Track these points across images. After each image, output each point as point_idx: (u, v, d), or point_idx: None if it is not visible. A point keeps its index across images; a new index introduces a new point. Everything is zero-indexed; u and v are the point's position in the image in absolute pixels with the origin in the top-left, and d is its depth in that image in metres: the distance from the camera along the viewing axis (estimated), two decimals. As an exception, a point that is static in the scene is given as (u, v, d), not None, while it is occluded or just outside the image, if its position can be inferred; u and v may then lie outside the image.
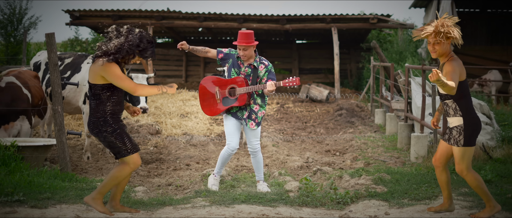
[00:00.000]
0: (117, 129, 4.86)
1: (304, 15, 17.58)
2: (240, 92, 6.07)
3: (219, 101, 6.17)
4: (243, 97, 6.09)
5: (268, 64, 6.23)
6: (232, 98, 6.13)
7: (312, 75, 22.44)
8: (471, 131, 4.87)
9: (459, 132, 4.88)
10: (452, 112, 4.92)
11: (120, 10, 17.62)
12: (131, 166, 4.92)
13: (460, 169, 4.92)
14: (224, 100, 6.17)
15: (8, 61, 18.46)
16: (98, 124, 4.83)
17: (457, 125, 4.90)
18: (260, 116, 6.24)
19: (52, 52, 6.68)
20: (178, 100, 14.62)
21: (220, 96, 6.17)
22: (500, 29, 19.61)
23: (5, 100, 7.61)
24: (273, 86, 5.96)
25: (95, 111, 4.84)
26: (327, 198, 5.76)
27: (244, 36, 6.10)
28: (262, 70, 6.20)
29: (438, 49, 4.89)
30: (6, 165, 6.44)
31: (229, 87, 6.15)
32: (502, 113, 10.59)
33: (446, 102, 4.95)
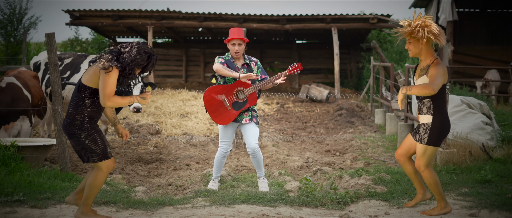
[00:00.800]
0: (94, 133, 4.71)
1: (304, 15, 17.58)
2: (249, 92, 6.08)
3: (230, 107, 6.12)
4: (253, 96, 6.12)
5: (257, 60, 6.32)
6: (241, 100, 6.11)
7: (312, 75, 22.44)
8: (437, 132, 4.94)
9: (425, 130, 4.97)
10: (425, 110, 5.00)
11: (120, 10, 17.62)
12: (104, 171, 4.77)
13: (418, 165, 5.03)
14: (234, 104, 6.13)
15: (8, 61, 18.46)
16: (73, 126, 4.69)
17: (425, 123, 4.98)
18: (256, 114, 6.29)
19: (52, 52, 6.68)
20: (178, 100, 14.62)
21: (229, 102, 6.12)
22: (500, 29, 19.60)
23: (5, 100, 7.62)
24: (279, 78, 6.03)
25: (74, 113, 4.70)
26: (327, 198, 5.76)
27: (237, 32, 6.15)
28: (255, 67, 6.28)
29: (412, 48, 4.97)
30: (6, 165, 6.44)
31: (236, 90, 6.13)
32: (502, 113, 10.59)
33: (423, 100, 5.00)
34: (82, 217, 4.81)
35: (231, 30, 6.17)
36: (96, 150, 4.71)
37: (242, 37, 6.13)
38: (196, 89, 18.69)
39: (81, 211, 4.79)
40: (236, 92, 6.13)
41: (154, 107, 13.33)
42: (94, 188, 4.78)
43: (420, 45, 4.95)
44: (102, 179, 4.79)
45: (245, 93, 6.09)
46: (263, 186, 6.30)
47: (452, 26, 15.91)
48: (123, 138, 5.13)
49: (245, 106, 6.11)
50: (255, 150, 6.19)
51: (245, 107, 6.11)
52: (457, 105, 8.59)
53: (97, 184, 4.78)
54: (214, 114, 6.16)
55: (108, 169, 4.79)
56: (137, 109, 7.97)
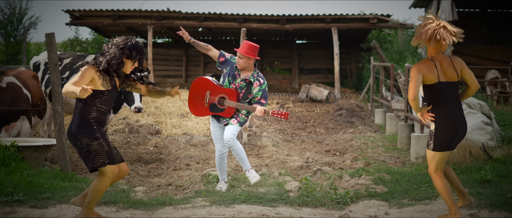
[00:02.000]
0: (100, 138, 4.65)
1: (304, 15, 17.58)
2: (229, 104, 6.05)
3: (207, 105, 6.15)
4: (231, 110, 6.09)
5: (264, 83, 6.18)
6: (220, 107, 6.12)
7: (312, 75, 22.44)
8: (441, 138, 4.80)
9: (430, 136, 4.89)
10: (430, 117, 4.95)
11: (120, 10, 17.62)
12: (109, 176, 4.70)
13: (429, 170, 4.93)
14: (211, 105, 6.14)
15: (8, 61, 18.46)
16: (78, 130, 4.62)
17: (431, 129, 4.90)
18: (242, 117, 6.19)
19: (52, 52, 6.68)
20: (178, 100, 14.62)
21: (209, 101, 6.15)
22: (500, 29, 19.61)
23: (6, 100, 7.62)
24: (262, 113, 5.96)
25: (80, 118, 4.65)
26: (327, 198, 5.76)
27: (247, 47, 6.05)
28: (256, 87, 6.15)
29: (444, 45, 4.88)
30: (6, 165, 6.44)
31: (220, 96, 6.12)
32: (502, 113, 10.58)
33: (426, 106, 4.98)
34: None
35: (244, 43, 6.10)
36: (100, 155, 4.64)
37: (246, 54, 6.04)
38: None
39: (83, 214, 4.76)
40: (220, 97, 6.12)
41: (154, 107, 13.33)
42: (97, 193, 4.72)
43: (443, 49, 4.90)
44: (106, 185, 4.71)
45: (225, 104, 6.08)
46: (253, 176, 6.19)
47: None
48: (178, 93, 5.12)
49: (219, 113, 6.11)
50: (229, 142, 6.07)
51: (218, 113, 6.12)
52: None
53: (100, 189, 4.71)
54: (192, 100, 6.24)
55: (113, 174, 4.70)
56: (138, 109, 7.98)
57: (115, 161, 4.71)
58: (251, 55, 6.04)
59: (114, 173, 4.71)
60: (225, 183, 6.40)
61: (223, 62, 6.26)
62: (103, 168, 4.66)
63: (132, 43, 4.72)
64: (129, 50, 4.69)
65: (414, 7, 18.82)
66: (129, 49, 4.69)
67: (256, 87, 6.15)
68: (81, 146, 4.63)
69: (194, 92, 6.24)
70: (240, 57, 6.08)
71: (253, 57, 6.07)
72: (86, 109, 4.65)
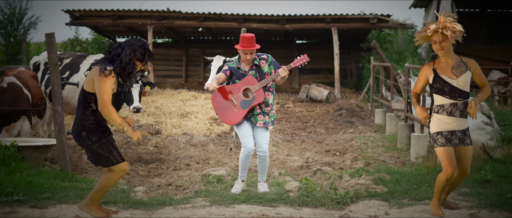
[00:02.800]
0: (102, 138, 4.77)
1: (304, 15, 17.58)
2: (255, 89, 6.03)
3: (238, 107, 6.07)
4: (260, 93, 6.03)
5: (267, 57, 6.20)
6: (249, 98, 6.06)
7: (312, 75, 22.44)
8: None
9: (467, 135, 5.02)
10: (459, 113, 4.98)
11: (120, 10, 17.62)
12: (119, 173, 4.86)
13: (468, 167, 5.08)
14: (242, 103, 6.07)
15: (8, 61, 18.46)
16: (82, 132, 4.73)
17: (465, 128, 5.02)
18: (272, 115, 6.20)
19: (52, 52, 6.68)
20: (178, 100, 14.62)
21: (237, 101, 6.07)
22: (500, 29, 19.61)
23: (7, 100, 7.62)
24: (286, 71, 5.93)
25: (81, 119, 4.74)
26: (327, 198, 5.76)
27: (248, 40, 6.02)
28: (265, 65, 6.17)
29: (445, 45, 4.90)
30: (6, 165, 6.44)
31: (243, 89, 6.08)
32: (502, 113, 10.58)
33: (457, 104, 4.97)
34: (85, 209, 4.89)
35: (242, 38, 6.05)
36: (111, 153, 4.78)
37: (252, 47, 6.02)
38: (196, 89, 18.68)
39: (86, 203, 4.91)
40: (243, 91, 6.09)
41: (154, 107, 13.33)
42: (104, 187, 4.89)
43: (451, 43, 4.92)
44: (115, 180, 4.88)
45: (252, 91, 6.05)
46: (264, 187, 6.28)
47: (452, 26, 15.90)
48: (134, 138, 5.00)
49: (253, 103, 6.03)
50: (266, 154, 6.15)
51: (253, 104, 6.03)
52: (457, 105, 8.58)
53: (108, 184, 4.89)
54: (222, 115, 6.11)
55: (123, 172, 4.87)
56: (137, 109, 7.96)
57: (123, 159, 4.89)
58: (255, 46, 6.05)
59: (124, 171, 4.87)
60: (242, 182, 6.32)
61: (231, 74, 6.21)
62: (114, 167, 4.82)
63: (145, 47, 4.78)
64: (141, 53, 4.74)
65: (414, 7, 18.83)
66: (142, 52, 4.75)
67: (264, 65, 6.16)
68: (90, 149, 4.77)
69: (219, 106, 6.12)
70: (250, 52, 6.05)
71: (256, 47, 6.08)
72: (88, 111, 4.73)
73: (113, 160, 4.80)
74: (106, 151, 4.77)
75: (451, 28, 4.84)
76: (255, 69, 6.15)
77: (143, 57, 4.75)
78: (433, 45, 4.94)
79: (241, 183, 6.33)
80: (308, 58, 6.04)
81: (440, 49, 4.91)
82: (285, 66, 5.99)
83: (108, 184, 4.88)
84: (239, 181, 6.34)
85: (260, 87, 6.02)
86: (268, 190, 6.25)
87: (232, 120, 6.06)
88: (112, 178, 4.87)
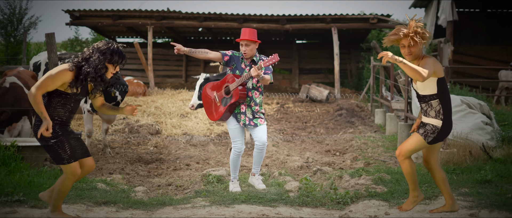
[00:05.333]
0: (61, 135, 4.64)
1: (304, 15, 17.58)
2: (232, 87, 6.11)
3: (220, 103, 6.22)
4: (236, 91, 6.10)
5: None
6: (228, 96, 6.17)
7: (312, 75, 22.44)
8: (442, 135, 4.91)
9: (433, 130, 4.90)
10: (434, 114, 4.92)
11: (120, 10, 17.62)
12: (69, 176, 4.69)
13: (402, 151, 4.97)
14: (223, 100, 6.21)
15: (8, 61, 18.46)
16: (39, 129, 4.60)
17: (434, 125, 4.91)
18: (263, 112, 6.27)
19: (52, 52, 6.69)
20: (178, 100, 14.62)
21: (219, 98, 6.23)
22: (500, 29, 19.60)
23: (9, 101, 7.63)
24: (256, 71, 5.92)
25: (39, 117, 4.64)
26: (327, 198, 5.76)
27: (248, 32, 6.14)
28: None
29: (414, 51, 4.85)
30: (6, 165, 6.44)
31: (224, 87, 6.20)
32: (502, 113, 10.58)
33: (431, 103, 4.92)
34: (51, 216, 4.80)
35: (243, 31, 6.19)
36: (65, 152, 4.64)
37: (249, 38, 6.10)
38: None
39: (50, 210, 4.82)
40: (224, 88, 6.19)
41: (154, 107, 13.33)
42: (59, 193, 4.76)
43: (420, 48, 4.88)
44: (69, 184, 4.73)
45: (230, 88, 6.13)
46: (259, 183, 6.34)
47: (452, 26, 15.91)
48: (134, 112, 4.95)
49: (231, 101, 6.12)
50: (265, 146, 6.23)
51: (231, 102, 6.12)
52: (457, 105, 8.59)
53: (62, 189, 4.74)
54: (207, 110, 6.35)
55: (73, 175, 4.70)
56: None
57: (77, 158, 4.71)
58: (253, 39, 6.11)
59: (74, 173, 4.69)
60: (237, 181, 6.37)
61: (228, 60, 6.24)
62: (65, 167, 4.66)
63: (114, 48, 4.71)
64: (111, 54, 4.69)
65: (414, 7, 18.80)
66: (111, 54, 4.69)
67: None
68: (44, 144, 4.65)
69: (206, 102, 6.36)
70: (247, 44, 6.11)
71: (256, 41, 6.14)
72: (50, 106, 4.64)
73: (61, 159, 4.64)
74: (60, 148, 4.63)
75: (421, 34, 4.81)
76: (250, 64, 6.21)
77: (112, 58, 4.68)
78: (402, 49, 4.92)
79: (236, 182, 6.38)
80: (278, 58, 6.03)
81: (408, 54, 4.88)
82: (255, 66, 6.00)
83: (62, 189, 4.72)
84: (235, 181, 6.37)
85: (236, 85, 6.09)
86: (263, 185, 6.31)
87: (214, 116, 6.28)
88: (65, 181, 4.71)
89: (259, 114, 6.22)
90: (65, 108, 4.69)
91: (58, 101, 4.65)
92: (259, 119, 6.20)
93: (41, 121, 4.61)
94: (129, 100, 14.28)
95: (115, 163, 8.06)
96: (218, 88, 6.24)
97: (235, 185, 6.32)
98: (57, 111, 4.66)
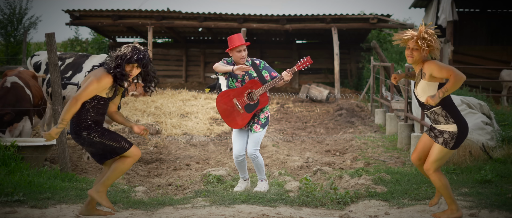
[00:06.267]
0: (105, 131, 4.81)
1: (304, 15, 17.58)
2: (259, 93, 6.02)
3: (243, 110, 6.07)
4: (264, 97, 6.06)
5: (260, 62, 6.20)
6: (253, 102, 6.06)
7: (312, 75, 22.44)
8: (462, 139, 4.85)
9: (451, 136, 4.82)
10: (443, 120, 4.86)
11: (120, 10, 17.62)
12: (133, 158, 4.88)
13: (429, 167, 4.87)
14: (247, 107, 6.07)
15: (8, 61, 18.46)
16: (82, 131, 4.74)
17: (451, 131, 4.83)
18: (263, 117, 6.17)
19: (52, 52, 6.68)
20: (178, 100, 14.62)
21: (241, 105, 6.07)
22: (500, 29, 19.59)
23: (11, 101, 7.63)
24: (289, 75, 5.93)
25: (79, 119, 4.75)
26: (327, 198, 5.76)
27: (239, 38, 6.05)
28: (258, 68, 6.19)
29: (416, 55, 4.82)
30: (6, 165, 6.44)
31: (247, 92, 6.07)
32: (502, 113, 10.58)
33: (435, 111, 4.88)
34: (95, 196, 4.84)
35: (233, 39, 6.06)
36: (119, 142, 4.80)
37: (242, 43, 6.05)
38: (196, 89, 18.68)
39: (97, 190, 4.86)
40: (247, 94, 6.07)
41: (154, 107, 13.33)
42: (118, 172, 4.87)
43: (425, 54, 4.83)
44: (129, 165, 4.89)
45: (256, 94, 6.04)
46: (260, 186, 6.25)
47: (452, 26, 15.90)
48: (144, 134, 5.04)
49: (258, 107, 6.04)
50: (252, 156, 6.14)
51: (258, 108, 6.05)
52: (457, 105, 8.59)
53: (122, 168, 4.87)
54: (228, 118, 6.10)
55: (136, 156, 4.89)
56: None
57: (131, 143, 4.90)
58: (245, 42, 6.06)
59: (137, 154, 4.89)
60: (244, 181, 6.33)
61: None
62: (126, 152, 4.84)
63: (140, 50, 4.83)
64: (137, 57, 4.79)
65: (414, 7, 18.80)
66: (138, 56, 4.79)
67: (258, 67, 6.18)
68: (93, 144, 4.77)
69: (224, 110, 6.12)
70: (244, 49, 6.07)
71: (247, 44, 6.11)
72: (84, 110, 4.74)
73: (124, 147, 4.82)
74: (113, 141, 4.79)
75: (427, 40, 4.79)
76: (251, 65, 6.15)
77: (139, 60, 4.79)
78: (406, 50, 4.91)
79: (244, 182, 6.36)
80: (311, 60, 6.02)
81: (410, 56, 4.86)
82: (289, 69, 5.98)
83: (123, 168, 4.85)
84: (241, 180, 6.36)
85: (265, 90, 6.02)
86: (264, 188, 6.22)
87: (239, 124, 6.08)
88: (126, 162, 4.86)
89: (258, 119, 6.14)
90: (99, 111, 4.80)
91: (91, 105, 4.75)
92: (254, 125, 6.13)
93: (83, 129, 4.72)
94: (129, 100, 14.28)
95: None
96: (238, 95, 6.08)
97: (241, 185, 6.30)
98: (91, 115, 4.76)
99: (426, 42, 4.78)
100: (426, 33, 4.79)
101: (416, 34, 4.81)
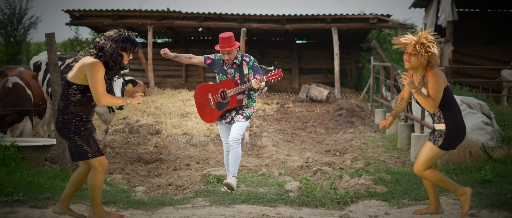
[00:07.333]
0: (83, 130, 4.66)
1: (304, 15, 17.58)
2: (230, 94, 6.13)
3: (214, 107, 6.25)
4: (234, 99, 6.13)
5: (250, 60, 6.24)
6: (224, 101, 6.19)
7: (312, 75, 22.44)
8: (451, 139, 4.80)
9: (440, 134, 4.82)
10: (437, 119, 4.87)
11: (120, 10, 17.63)
12: (99, 169, 4.69)
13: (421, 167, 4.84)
14: (218, 104, 6.23)
15: (8, 61, 18.46)
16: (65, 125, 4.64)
17: (440, 129, 4.85)
18: (249, 112, 6.27)
19: (52, 52, 6.68)
20: (178, 100, 14.62)
21: (214, 102, 6.25)
22: (500, 29, 19.59)
23: (13, 101, 7.63)
24: (258, 84, 5.95)
25: (64, 112, 4.65)
26: (327, 198, 5.76)
27: (226, 41, 6.08)
28: (245, 67, 6.24)
29: (413, 60, 4.78)
30: (6, 165, 6.44)
31: (220, 91, 6.21)
32: (502, 113, 10.58)
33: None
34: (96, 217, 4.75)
35: (220, 39, 6.10)
36: (91, 147, 4.66)
37: (228, 47, 6.07)
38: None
39: (93, 211, 4.75)
40: (221, 92, 6.20)
41: (154, 107, 13.33)
42: (95, 188, 4.71)
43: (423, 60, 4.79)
44: (100, 177, 4.71)
45: (228, 95, 6.14)
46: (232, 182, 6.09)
47: (452, 26, 15.90)
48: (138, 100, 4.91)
49: (226, 107, 6.17)
50: (234, 141, 6.11)
51: (226, 108, 6.17)
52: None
53: (96, 183, 4.70)
54: (201, 111, 6.37)
55: (102, 167, 4.71)
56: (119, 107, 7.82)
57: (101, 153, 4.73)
58: (232, 46, 6.10)
59: (103, 165, 4.71)
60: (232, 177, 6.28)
61: (210, 63, 6.36)
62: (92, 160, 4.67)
63: (125, 36, 4.74)
64: (122, 42, 4.70)
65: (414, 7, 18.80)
66: (123, 41, 4.70)
67: (245, 66, 6.24)
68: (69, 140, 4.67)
69: (199, 103, 6.37)
70: (224, 53, 6.15)
71: (234, 48, 6.12)
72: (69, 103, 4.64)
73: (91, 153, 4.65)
74: (86, 143, 4.65)
75: (425, 46, 4.74)
76: (235, 68, 6.25)
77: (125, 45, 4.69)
78: (404, 55, 4.89)
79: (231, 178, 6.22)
80: (281, 74, 6.06)
81: (407, 61, 4.83)
82: (259, 77, 6.01)
83: (96, 183, 4.69)
84: (230, 176, 6.26)
85: (235, 92, 6.11)
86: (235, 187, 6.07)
87: (207, 119, 6.32)
88: (96, 176, 4.70)
89: (241, 111, 6.22)
90: (91, 103, 4.70)
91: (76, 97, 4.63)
92: (238, 116, 6.23)
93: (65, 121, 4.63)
94: (129, 100, 14.27)
95: (115, 163, 8.06)
96: (214, 91, 6.24)
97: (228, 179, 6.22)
98: (82, 108, 4.66)
99: (424, 48, 4.73)
100: (425, 38, 4.75)
101: (415, 39, 4.78)
